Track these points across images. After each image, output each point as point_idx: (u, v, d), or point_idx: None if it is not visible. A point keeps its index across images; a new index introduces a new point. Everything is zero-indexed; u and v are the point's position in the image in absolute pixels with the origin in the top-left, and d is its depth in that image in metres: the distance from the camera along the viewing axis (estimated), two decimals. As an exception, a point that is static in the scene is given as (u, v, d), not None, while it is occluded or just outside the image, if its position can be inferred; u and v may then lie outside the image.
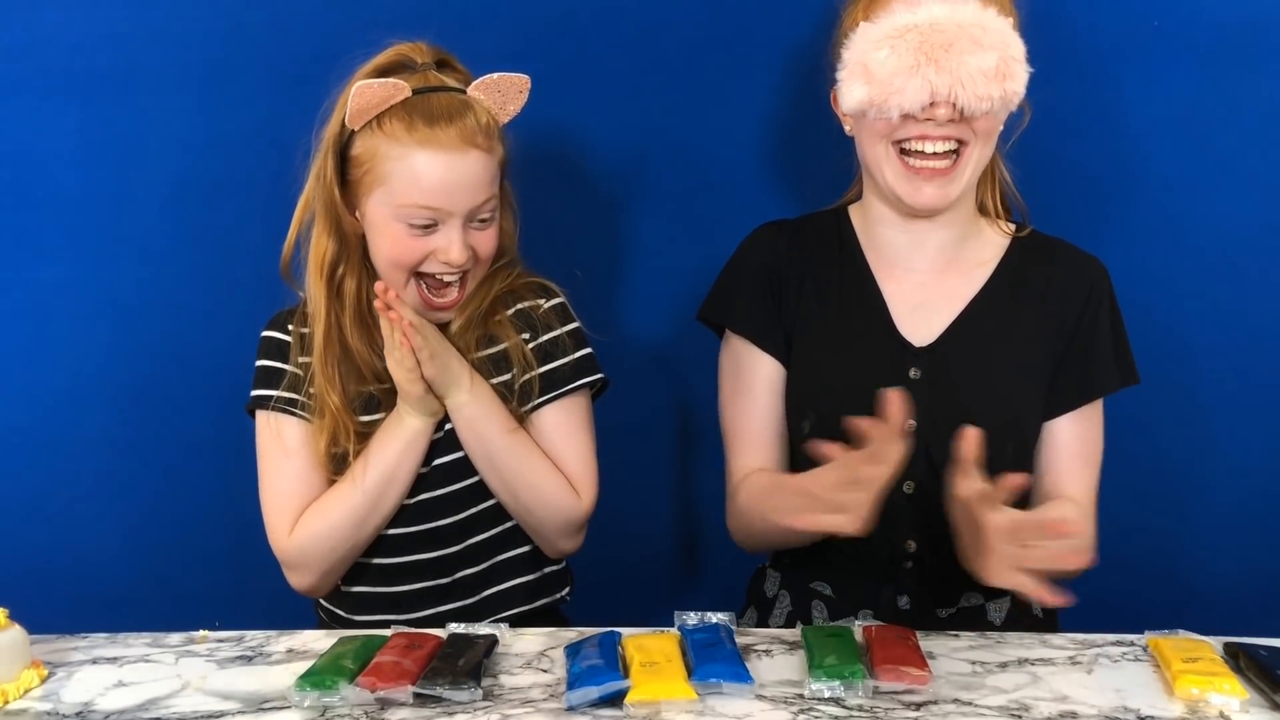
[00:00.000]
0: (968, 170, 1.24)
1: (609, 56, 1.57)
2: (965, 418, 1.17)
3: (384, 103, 1.21)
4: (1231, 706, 0.98)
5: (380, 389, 1.29)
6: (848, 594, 1.31)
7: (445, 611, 1.31)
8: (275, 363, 1.32)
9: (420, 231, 1.23)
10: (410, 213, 1.21)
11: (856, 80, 1.22)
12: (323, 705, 1.01)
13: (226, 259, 1.60)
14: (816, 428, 1.27)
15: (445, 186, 1.21)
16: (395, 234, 1.23)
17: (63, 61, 1.57)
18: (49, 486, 1.66)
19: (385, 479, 1.26)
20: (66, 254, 1.61)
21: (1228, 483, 1.60)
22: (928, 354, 1.28)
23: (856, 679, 1.00)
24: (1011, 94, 1.20)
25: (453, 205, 1.22)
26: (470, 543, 1.33)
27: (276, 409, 1.29)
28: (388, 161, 1.21)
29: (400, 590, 1.32)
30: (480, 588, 1.34)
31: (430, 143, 1.20)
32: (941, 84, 1.17)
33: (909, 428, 1.21)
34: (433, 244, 1.23)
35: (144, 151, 1.59)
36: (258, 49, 1.56)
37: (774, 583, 1.38)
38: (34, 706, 1.03)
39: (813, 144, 1.46)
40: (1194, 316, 1.58)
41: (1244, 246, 1.56)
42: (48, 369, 1.64)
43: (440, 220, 1.22)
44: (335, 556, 1.29)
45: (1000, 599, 1.30)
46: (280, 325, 1.34)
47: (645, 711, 0.98)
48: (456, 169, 1.21)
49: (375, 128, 1.22)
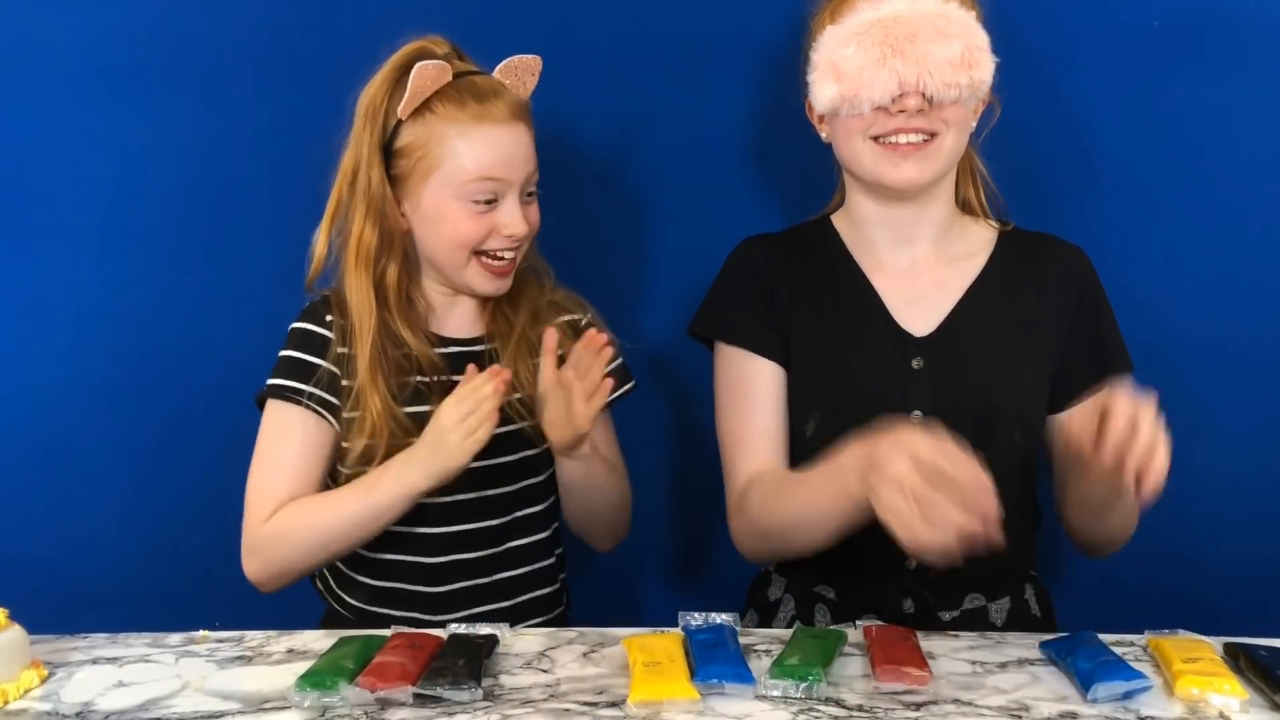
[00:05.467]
0: (944, 150, 1.25)
1: (594, 64, 1.57)
2: (970, 405, 1.20)
3: (434, 85, 1.24)
4: (1231, 706, 0.98)
5: (427, 382, 1.29)
6: (851, 597, 1.30)
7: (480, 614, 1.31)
8: (308, 356, 1.30)
9: (484, 208, 1.26)
10: (474, 189, 1.25)
11: (826, 80, 1.24)
12: (323, 705, 1.00)
13: (227, 259, 1.60)
14: (821, 428, 1.27)
15: (505, 158, 1.25)
16: (457, 215, 1.26)
17: (63, 61, 1.57)
18: (49, 486, 1.66)
19: (368, 518, 1.25)
20: (67, 254, 1.61)
21: (1227, 483, 1.60)
22: (929, 343, 1.28)
23: (814, 681, 1.00)
24: (979, 82, 1.22)
25: (513, 175, 1.26)
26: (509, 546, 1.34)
27: (308, 405, 1.28)
28: (446, 141, 1.24)
29: (436, 591, 1.32)
30: (510, 595, 1.34)
31: (485, 118, 1.24)
32: (909, 73, 1.19)
33: (914, 418, 1.22)
34: (494, 220, 1.26)
35: (145, 151, 1.59)
36: (258, 49, 1.56)
37: (779, 587, 1.37)
38: (34, 706, 1.03)
39: (797, 154, 1.46)
40: (1193, 316, 1.58)
41: (1236, 246, 1.56)
42: (48, 369, 1.63)
43: (500, 194, 1.26)
44: (297, 558, 1.28)
45: (1000, 600, 1.30)
46: (316, 317, 1.32)
47: (647, 711, 0.98)
48: (512, 140, 1.26)
49: (425, 114, 1.25)
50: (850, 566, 1.27)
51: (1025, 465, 1.30)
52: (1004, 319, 1.29)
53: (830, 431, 1.20)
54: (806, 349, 1.32)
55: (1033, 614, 1.32)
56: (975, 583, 1.28)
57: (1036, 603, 1.34)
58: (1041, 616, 1.33)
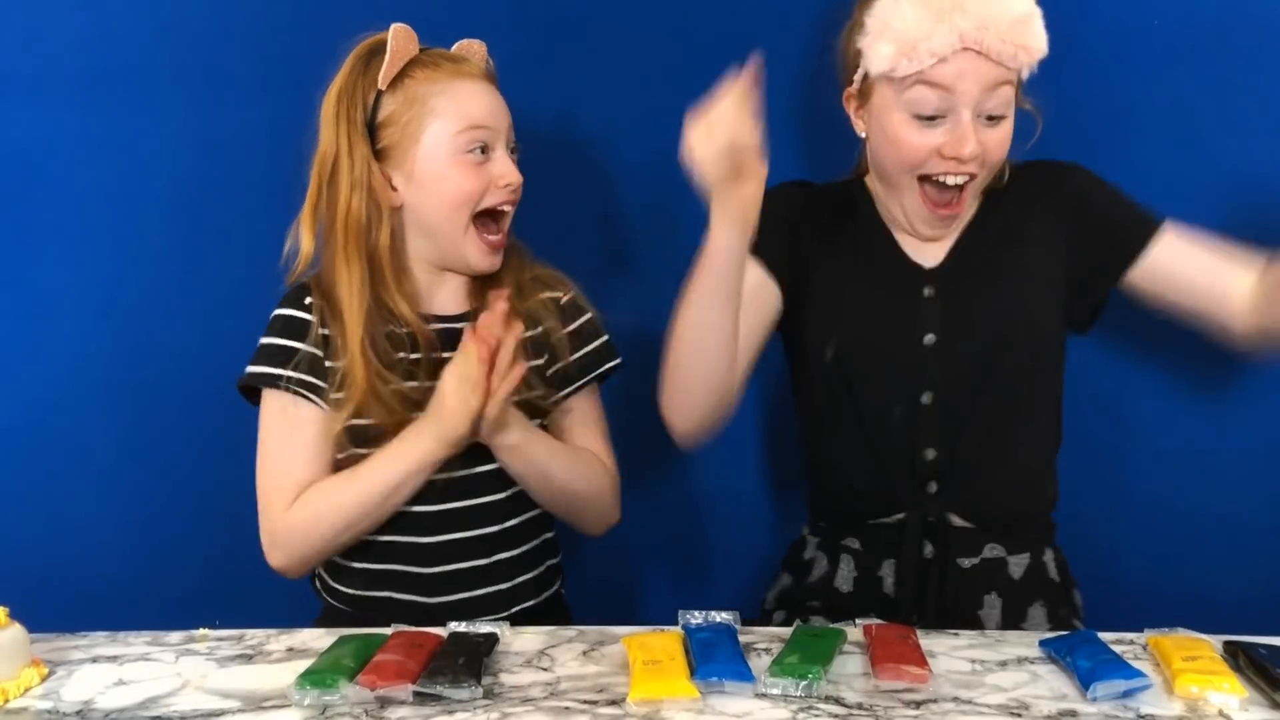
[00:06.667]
0: (976, 188, 1.31)
1: (600, 52, 1.58)
2: (981, 327, 1.29)
3: (410, 49, 1.28)
4: (1231, 705, 0.98)
5: (419, 359, 1.28)
6: (874, 545, 1.35)
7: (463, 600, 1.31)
8: (289, 341, 1.30)
9: (480, 158, 1.29)
10: (466, 139, 1.27)
11: (882, 39, 1.24)
12: (323, 704, 1.00)
13: (228, 258, 1.60)
14: (838, 353, 1.33)
15: (489, 107, 1.30)
16: (454, 171, 1.28)
17: (63, 61, 1.57)
18: (49, 486, 1.66)
19: (389, 490, 1.25)
20: (66, 253, 1.61)
21: (1228, 482, 1.60)
22: (939, 273, 1.34)
23: (814, 679, 1.00)
24: (1034, 50, 1.24)
25: (499, 124, 1.30)
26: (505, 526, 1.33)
27: (286, 389, 1.28)
28: (430, 100, 1.27)
29: (426, 572, 1.31)
30: (487, 582, 1.33)
31: (462, 73, 1.29)
32: (969, 26, 1.20)
33: (928, 341, 1.30)
34: (491, 171, 1.29)
35: (144, 151, 1.59)
36: (258, 49, 1.57)
37: (812, 546, 1.42)
38: (34, 705, 1.03)
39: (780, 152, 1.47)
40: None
41: (1244, 245, 1.56)
42: (48, 369, 1.63)
43: (490, 144, 1.29)
44: (324, 542, 1.28)
45: (1020, 555, 1.33)
46: (296, 302, 1.32)
47: (646, 710, 0.98)
48: (490, 92, 1.31)
49: (404, 81, 1.27)
50: (873, 512, 1.34)
51: (1038, 384, 1.35)
52: (1010, 242, 1.34)
53: (848, 357, 1.31)
54: (822, 280, 1.36)
55: (1050, 577, 1.35)
56: (996, 534, 1.33)
57: (1056, 568, 1.36)
58: (1059, 581, 1.35)
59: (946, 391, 1.31)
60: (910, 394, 1.31)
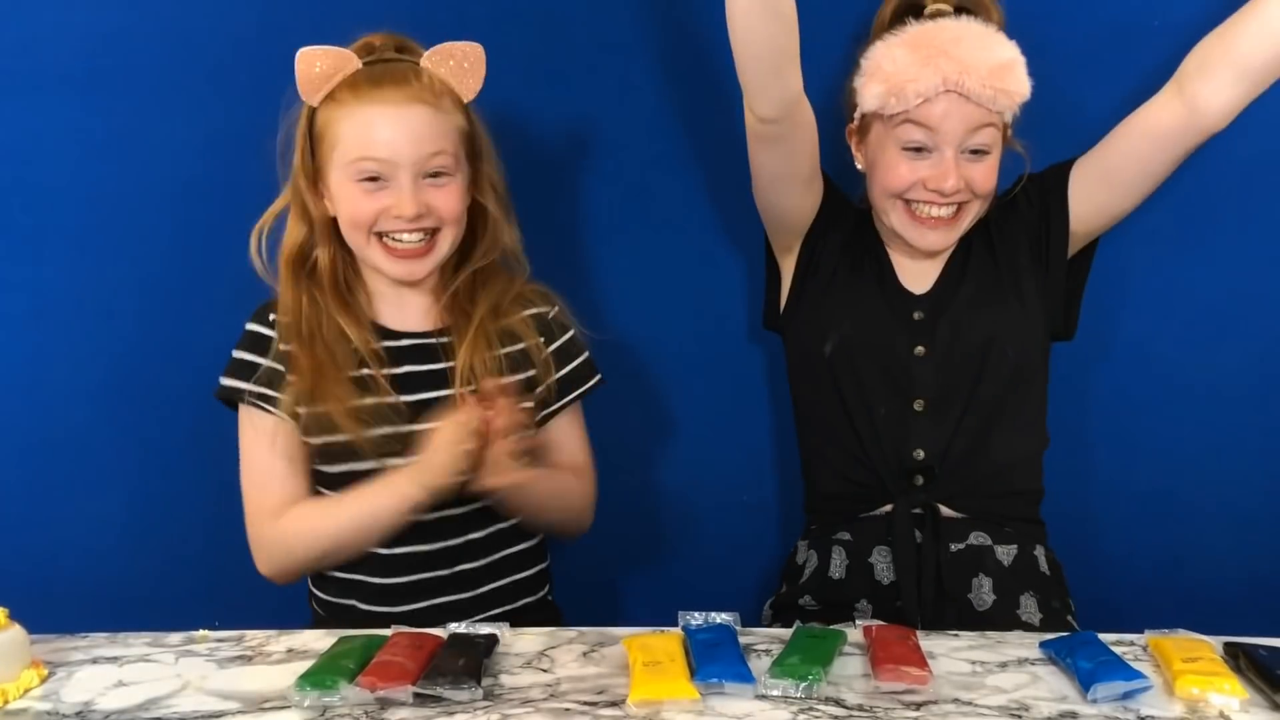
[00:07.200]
0: (967, 219, 1.37)
1: (601, 56, 1.58)
2: (967, 339, 1.37)
3: (335, 73, 1.27)
4: (1231, 706, 0.98)
5: (371, 375, 1.29)
6: (865, 535, 1.39)
7: (440, 605, 1.32)
8: (252, 355, 1.32)
9: (372, 186, 1.27)
10: (359, 167, 1.26)
11: (874, 80, 1.33)
12: (323, 705, 1.00)
13: (227, 259, 1.58)
14: (836, 350, 1.40)
15: (388, 138, 1.26)
16: (350, 194, 1.28)
17: (62, 60, 1.56)
18: (49, 486, 1.65)
19: (365, 525, 1.28)
20: (66, 253, 1.61)
21: (1228, 482, 1.60)
22: (928, 298, 1.41)
23: (814, 681, 1.01)
24: (1014, 94, 1.31)
25: (397, 156, 1.26)
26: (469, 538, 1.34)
27: (249, 403, 1.31)
28: (336, 124, 1.27)
29: (396, 582, 1.32)
30: (476, 584, 1.34)
31: (373, 100, 1.26)
32: (951, 70, 1.28)
33: (919, 352, 1.37)
34: (384, 200, 1.27)
35: (144, 151, 1.59)
36: (258, 49, 1.56)
37: (804, 549, 1.46)
38: (34, 706, 1.03)
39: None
40: (1193, 314, 1.58)
41: (1237, 245, 1.57)
42: (48, 369, 1.63)
43: (387, 175, 1.26)
44: (305, 560, 1.32)
45: (1008, 545, 1.37)
46: (262, 317, 1.35)
47: (646, 711, 0.98)
48: (400, 121, 1.26)
49: (329, 100, 1.28)
50: (863, 505, 1.40)
51: (1024, 393, 1.40)
52: (986, 264, 1.41)
53: (847, 351, 1.39)
54: (834, 278, 1.43)
55: (1041, 570, 1.38)
56: (983, 525, 1.37)
57: (1047, 564, 1.40)
58: (1050, 575, 1.39)
59: (936, 398, 1.38)
60: (901, 399, 1.39)
